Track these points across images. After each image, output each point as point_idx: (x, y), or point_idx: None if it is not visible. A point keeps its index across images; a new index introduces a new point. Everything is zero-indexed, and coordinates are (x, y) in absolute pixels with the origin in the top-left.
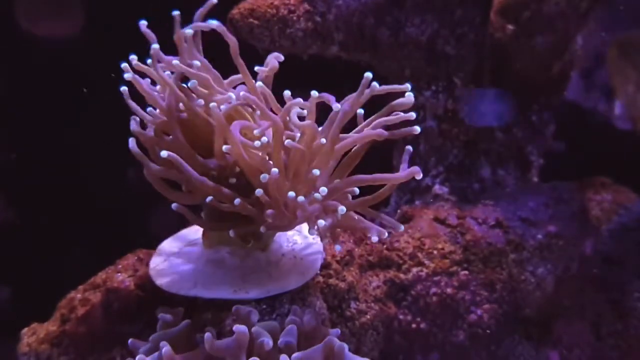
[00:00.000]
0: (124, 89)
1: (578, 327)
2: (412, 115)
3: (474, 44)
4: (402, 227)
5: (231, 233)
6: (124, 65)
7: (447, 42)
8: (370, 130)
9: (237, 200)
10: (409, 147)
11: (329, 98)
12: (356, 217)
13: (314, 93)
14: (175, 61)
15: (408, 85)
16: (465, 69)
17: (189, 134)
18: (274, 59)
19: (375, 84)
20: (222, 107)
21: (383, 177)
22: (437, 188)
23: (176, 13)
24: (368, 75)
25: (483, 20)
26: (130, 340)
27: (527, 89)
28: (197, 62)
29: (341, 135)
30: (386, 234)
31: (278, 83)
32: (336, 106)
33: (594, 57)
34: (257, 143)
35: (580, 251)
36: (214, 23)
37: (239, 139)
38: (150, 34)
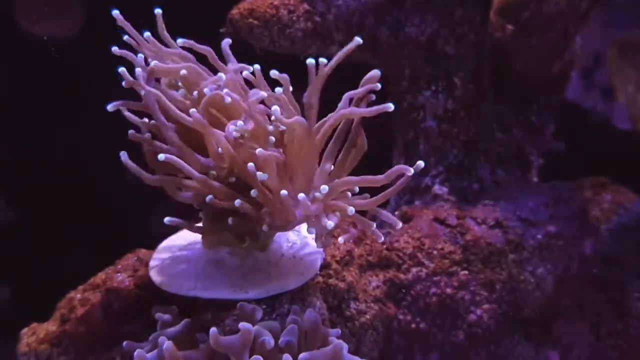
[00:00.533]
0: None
1: (578, 327)
2: (378, 85)
3: (474, 44)
4: (401, 224)
5: (230, 221)
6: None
7: (447, 42)
8: (343, 110)
9: (237, 201)
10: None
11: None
12: (358, 217)
13: (279, 90)
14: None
15: (358, 39)
16: (465, 69)
17: (185, 133)
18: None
19: (322, 61)
20: (206, 90)
21: (368, 179)
22: (436, 188)
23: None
24: (310, 62)
25: (483, 20)
26: (125, 343)
27: (527, 89)
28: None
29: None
30: (382, 237)
31: (277, 83)
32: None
33: (593, 57)
34: (231, 128)
35: (580, 251)
36: (180, 41)
37: (223, 138)
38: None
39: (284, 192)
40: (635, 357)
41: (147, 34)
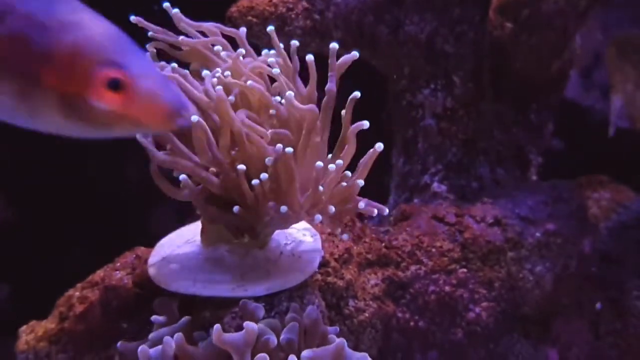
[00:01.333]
0: None
1: (577, 326)
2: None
3: (473, 43)
4: (387, 210)
5: (235, 209)
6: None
7: (446, 41)
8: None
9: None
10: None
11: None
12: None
13: (276, 71)
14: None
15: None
16: (464, 68)
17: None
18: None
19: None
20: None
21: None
22: (435, 186)
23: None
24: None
25: (482, 18)
26: (119, 343)
27: (526, 88)
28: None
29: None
30: (386, 210)
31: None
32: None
33: (593, 55)
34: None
35: (579, 249)
36: (208, 24)
37: (238, 121)
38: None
39: (319, 163)
40: (634, 356)
41: (175, 10)
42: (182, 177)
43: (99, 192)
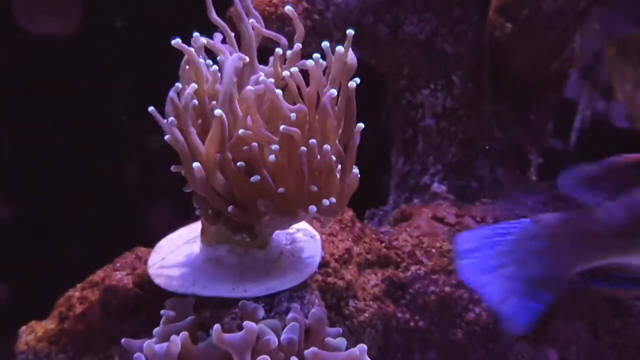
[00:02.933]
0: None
1: (576, 326)
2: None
3: (473, 43)
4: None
5: (230, 209)
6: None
7: (445, 41)
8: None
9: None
10: None
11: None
12: None
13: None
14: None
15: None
16: (464, 68)
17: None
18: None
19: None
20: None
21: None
22: (435, 186)
23: None
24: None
25: (482, 18)
26: (123, 340)
27: (526, 88)
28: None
29: None
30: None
31: None
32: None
33: (593, 55)
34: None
35: None
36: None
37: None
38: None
39: (326, 146)
40: (633, 356)
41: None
42: (195, 164)
43: (99, 192)
